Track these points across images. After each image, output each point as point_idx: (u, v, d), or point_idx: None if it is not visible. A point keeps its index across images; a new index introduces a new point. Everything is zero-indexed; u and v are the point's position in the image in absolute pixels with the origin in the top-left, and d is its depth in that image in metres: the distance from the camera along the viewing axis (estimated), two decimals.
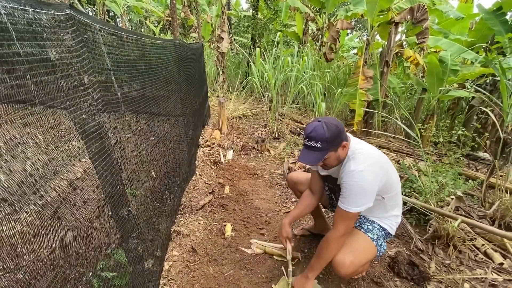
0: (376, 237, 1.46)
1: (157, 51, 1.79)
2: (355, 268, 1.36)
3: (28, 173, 0.56)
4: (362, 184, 1.25)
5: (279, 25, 8.01)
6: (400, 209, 1.57)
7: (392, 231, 1.53)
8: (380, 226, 1.50)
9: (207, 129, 4.37)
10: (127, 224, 1.05)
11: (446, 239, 1.91)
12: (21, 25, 0.61)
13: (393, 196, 1.45)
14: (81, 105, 0.82)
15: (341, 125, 1.30)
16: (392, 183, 1.40)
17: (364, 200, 1.27)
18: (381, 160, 1.36)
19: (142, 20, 12.93)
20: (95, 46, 0.95)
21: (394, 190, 1.44)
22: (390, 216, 1.52)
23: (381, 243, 1.48)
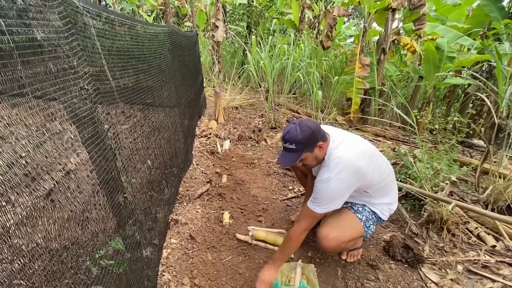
0: (365, 219, 1.51)
1: (150, 37, 1.75)
2: (338, 243, 1.45)
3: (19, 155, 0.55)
4: (329, 192, 1.31)
5: (275, 12, 7.86)
6: (393, 197, 1.57)
7: (383, 216, 1.56)
8: (370, 210, 1.54)
9: (204, 120, 4.34)
10: (124, 211, 1.05)
11: (440, 223, 1.95)
12: (5, 1, 0.59)
13: (379, 188, 1.47)
14: (72, 89, 0.80)
15: (316, 126, 1.31)
16: (372, 181, 1.41)
17: (331, 205, 1.34)
18: (356, 164, 1.31)
19: (135, 9, 12.59)
20: (85, 28, 0.92)
21: (378, 184, 1.45)
22: (381, 204, 1.54)
23: (369, 225, 1.53)
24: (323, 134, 1.34)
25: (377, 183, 1.44)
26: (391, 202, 1.57)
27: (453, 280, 1.57)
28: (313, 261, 1.70)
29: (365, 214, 1.52)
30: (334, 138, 1.39)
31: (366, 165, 1.35)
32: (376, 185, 1.45)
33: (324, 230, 1.46)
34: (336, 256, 1.73)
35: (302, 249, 1.79)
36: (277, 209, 2.21)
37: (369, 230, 1.54)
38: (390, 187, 1.54)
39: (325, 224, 1.51)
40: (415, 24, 3.94)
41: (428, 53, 3.81)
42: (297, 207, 2.25)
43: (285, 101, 4.85)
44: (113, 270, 1.05)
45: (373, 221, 1.55)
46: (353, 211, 1.53)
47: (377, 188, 1.46)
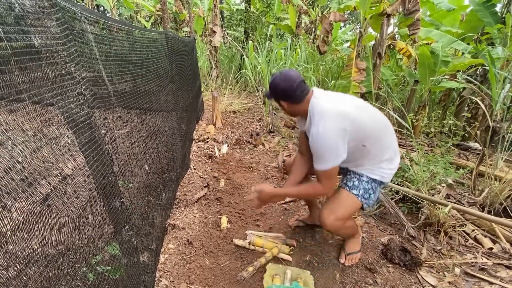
0: (362, 192, 1.48)
1: (148, 42, 1.76)
2: (338, 224, 1.49)
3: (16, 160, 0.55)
4: (322, 145, 1.30)
5: (272, 18, 7.94)
6: (393, 154, 1.49)
7: (385, 179, 1.49)
8: (369, 179, 1.49)
9: (201, 124, 4.35)
10: (120, 216, 1.05)
11: (437, 225, 1.95)
12: (3, 9, 0.59)
13: (375, 142, 1.40)
14: (69, 95, 0.81)
15: (292, 83, 1.34)
16: (366, 128, 1.35)
17: (331, 156, 1.31)
18: (343, 111, 1.31)
19: (133, 15, 12.66)
20: (82, 34, 0.93)
21: (373, 135, 1.39)
22: (380, 163, 1.46)
23: (369, 196, 1.49)
24: (303, 88, 1.37)
25: (373, 132, 1.38)
26: (391, 159, 1.48)
27: (451, 283, 1.58)
28: (311, 266, 1.69)
29: (361, 187, 1.48)
30: (318, 94, 1.40)
31: (353, 110, 1.33)
32: (371, 137, 1.38)
33: (322, 215, 1.50)
34: (334, 260, 1.73)
35: (302, 253, 1.79)
36: (275, 213, 2.21)
37: (369, 200, 1.50)
38: (389, 140, 1.47)
39: (323, 207, 1.54)
40: (410, 29, 4.00)
41: (423, 57, 3.86)
42: (294, 211, 2.25)
43: None
44: (109, 275, 1.04)
45: (373, 189, 1.50)
46: (348, 188, 1.50)
47: (373, 141, 1.39)
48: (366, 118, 1.37)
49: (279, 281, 1.52)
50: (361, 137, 1.36)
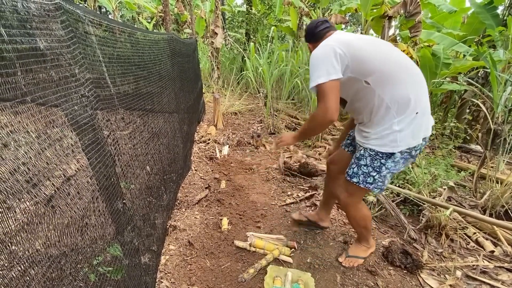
0: (362, 178, 1.36)
1: (150, 44, 1.77)
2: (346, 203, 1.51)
3: (22, 162, 0.56)
4: (312, 64, 1.27)
5: (274, 20, 7.97)
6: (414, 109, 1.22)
7: (397, 147, 1.25)
8: (372, 157, 1.32)
9: (203, 125, 4.36)
10: (122, 217, 1.05)
11: (438, 228, 1.95)
12: (9, 13, 0.60)
13: (382, 81, 1.22)
14: (73, 97, 0.81)
15: (314, 22, 1.43)
16: (367, 59, 1.22)
17: (319, 70, 1.22)
18: (340, 38, 1.28)
19: (135, 16, 12.72)
20: (86, 36, 0.94)
21: (379, 71, 1.22)
22: (392, 121, 1.23)
23: (372, 180, 1.34)
24: (324, 26, 1.41)
25: (379, 66, 1.22)
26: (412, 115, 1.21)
27: (452, 286, 1.57)
28: (312, 268, 1.69)
29: (360, 173, 1.37)
30: (338, 33, 1.38)
31: (356, 39, 1.28)
32: (378, 70, 1.22)
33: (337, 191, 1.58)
34: (335, 263, 1.73)
35: (303, 254, 1.79)
36: (276, 215, 2.21)
37: (376, 183, 1.34)
38: (408, 88, 1.23)
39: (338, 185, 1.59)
40: (411, 31, 4.01)
41: (424, 59, 3.86)
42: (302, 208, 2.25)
43: (283, 107, 4.89)
44: (111, 276, 1.04)
45: (377, 169, 1.32)
46: (349, 177, 1.43)
47: (381, 76, 1.22)
48: (371, 48, 1.25)
49: (280, 283, 1.52)
50: (361, 69, 1.23)
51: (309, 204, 2.37)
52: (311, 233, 1.99)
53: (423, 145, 1.34)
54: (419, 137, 1.26)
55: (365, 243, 1.72)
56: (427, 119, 1.30)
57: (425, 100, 1.28)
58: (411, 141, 1.25)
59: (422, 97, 1.26)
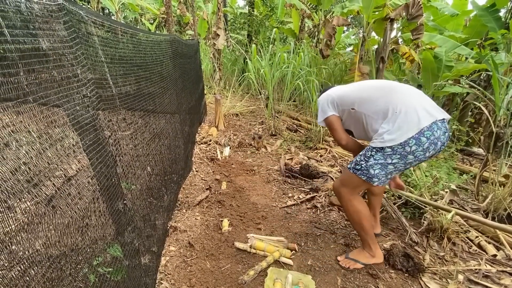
0: (353, 164, 1.57)
1: (152, 45, 1.78)
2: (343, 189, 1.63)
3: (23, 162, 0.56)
4: (319, 109, 1.77)
5: (275, 22, 7.99)
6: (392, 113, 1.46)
7: (382, 143, 1.45)
8: (366, 150, 1.55)
9: (204, 126, 4.36)
10: (123, 217, 1.05)
11: (440, 231, 1.94)
12: (13, 13, 0.61)
13: (363, 103, 1.58)
14: (75, 97, 0.81)
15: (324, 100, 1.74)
16: (349, 95, 1.66)
17: (320, 112, 1.75)
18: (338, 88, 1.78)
19: (138, 18, 12.80)
20: (88, 37, 0.94)
21: (359, 98, 1.61)
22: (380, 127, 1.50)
23: (360, 167, 1.53)
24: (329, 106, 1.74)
25: (359, 95, 1.62)
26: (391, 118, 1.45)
27: None
28: (312, 270, 1.68)
29: (354, 160, 1.59)
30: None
31: (337, 89, 1.76)
32: (359, 97, 1.61)
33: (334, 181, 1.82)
34: (336, 265, 1.72)
35: (303, 256, 1.78)
36: (277, 217, 2.20)
37: (363, 170, 1.52)
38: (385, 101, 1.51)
39: None
40: (413, 33, 4.01)
41: (426, 62, 3.86)
42: (296, 215, 2.24)
43: (285, 109, 4.89)
44: (111, 277, 1.04)
45: (365, 158, 1.52)
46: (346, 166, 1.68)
47: (361, 100, 1.59)
48: (350, 88, 1.71)
49: (280, 285, 1.52)
50: (347, 102, 1.65)
51: (310, 206, 2.36)
52: (312, 235, 1.99)
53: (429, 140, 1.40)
54: (407, 133, 1.40)
55: (368, 249, 1.70)
56: (414, 115, 1.42)
57: (405, 101, 1.48)
58: (397, 138, 1.42)
59: (398, 101, 1.49)
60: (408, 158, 1.44)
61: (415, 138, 1.39)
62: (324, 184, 2.67)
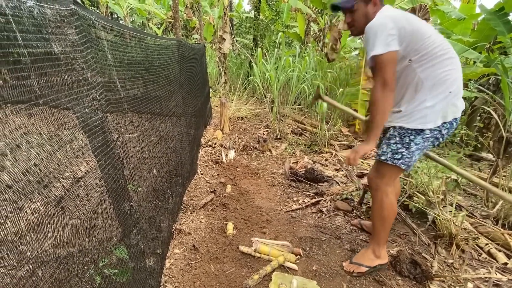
0: (391, 155, 1.40)
1: (159, 49, 1.80)
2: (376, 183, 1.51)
3: (34, 163, 0.57)
4: (368, 34, 1.28)
5: (281, 26, 8.04)
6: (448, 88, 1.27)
7: (423, 125, 1.30)
8: (400, 136, 1.36)
9: (209, 129, 4.38)
10: (129, 219, 1.06)
11: (448, 238, 1.90)
12: (27, 18, 0.62)
13: (423, 56, 1.27)
14: (85, 100, 0.83)
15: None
16: (421, 35, 1.25)
17: (377, 40, 1.23)
18: (402, 13, 1.33)
19: (145, 22, 13.02)
20: (98, 41, 0.96)
21: (424, 47, 1.26)
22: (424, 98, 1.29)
23: (400, 156, 1.37)
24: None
25: (427, 45, 1.26)
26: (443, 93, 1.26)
27: None
28: (317, 276, 1.66)
29: (389, 150, 1.40)
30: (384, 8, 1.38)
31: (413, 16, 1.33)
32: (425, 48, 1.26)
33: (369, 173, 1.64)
34: (341, 271, 1.70)
35: (308, 262, 1.76)
36: (281, 221, 2.19)
37: (404, 159, 1.36)
38: (440, 59, 1.28)
39: None
40: None
41: None
42: (301, 219, 2.23)
43: (290, 112, 4.89)
44: (116, 279, 1.04)
45: (406, 145, 1.35)
46: (378, 156, 1.48)
47: (425, 53, 1.27)
48: (426, 29, 1.29)
49: None
50: (413, 47, 1.27)
51: (315, 211, 2.34)
52: (317, 240, 1.97)
53: (455, 126, 1.38)
54: (448, 117, 1.30)
55: (375, 248, 1.65)
56: (459, 100, 1.34)
57: (459, 82, 1.32)
58: (439, 120, 1.29)
59: (457, 79, 1.31)
60: (434, 142, 1.38)
61: (450, 123, 1.33)
62: (329, 188, 2.65)
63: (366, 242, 1.95)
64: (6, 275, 0.54)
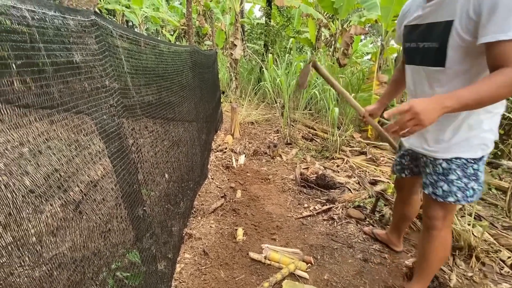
0: (461, 195, 1.14)
1: (173, 56, 1.84)
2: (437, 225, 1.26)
3: (54, 168, 0.59)
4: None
5: (292, 31, 8.07)
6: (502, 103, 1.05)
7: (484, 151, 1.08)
8: (462, 166, 1.11)
9: (220, 134, 4.42)
10: (142, 224, 1.07)
11: (468, 250, 1.82)
12: (51, 29, 0.65)
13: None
14: (102, 106, 0.86)
15: None
16: None
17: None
18: None
19: (159, 29, 13.40)
20: (116, 50, 0.99)
21: None
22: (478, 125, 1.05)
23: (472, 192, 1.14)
24: None
25: None
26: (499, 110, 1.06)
27: None
28: (329, 285, 1.62)
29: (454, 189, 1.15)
30: None
31: None
32: None
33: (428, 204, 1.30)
34: (354, 281, 1.65)
35: (319, 270, 1.72)
36: (292, 228, 2.16)
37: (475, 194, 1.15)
38: None
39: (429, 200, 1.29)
40: None
41: None
42: (312, 226, 2.19)
43: (300, 117, 4.86)
44: (129, 282, 1.06)
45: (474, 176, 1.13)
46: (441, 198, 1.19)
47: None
48: None
49: None
50: None
51: (326, 218, 2.30)
52: (329, 248, 1.93)
53: None
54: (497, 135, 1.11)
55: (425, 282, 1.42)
56: None
57: None
58: (493, 141, 1.10)
59: None
60: None
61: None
62: (341, 195, 2.61)
63: (380, 252, 1.89)
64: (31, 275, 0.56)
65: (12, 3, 0.55)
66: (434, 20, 1.06)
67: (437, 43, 1.05)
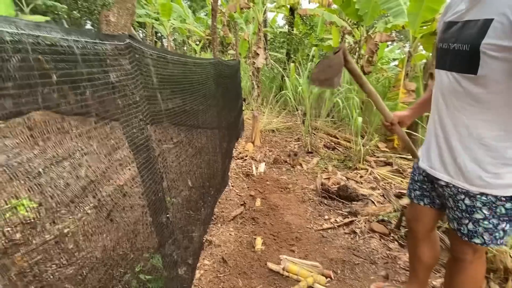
0: (488, 236, 0.97)
1: (198, 69, 1.94)
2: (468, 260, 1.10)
3: (90, 179, 0.66)
4: None
5: (315, 39, 8.04)
6: None
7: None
8: (489, 205, 0.94)
9: (241, 142, 4.49)
10: (165, 230, 1.13)
11: (504, 272, 1.67)
12: (92, 55, 0.73)
13: None
14: (133, 120, 0.93)
15: None
16: None
17: None
18: None
19: (185, 40, 14.03)
20: (146, 68, 1.08)
21: None
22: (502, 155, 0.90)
23: (502, 234, 0.97)
24: None
25: None
26: None
27: None
28: None
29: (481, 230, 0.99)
30: None
31: None
32: None
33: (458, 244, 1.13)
34: None
35: (337, 286, 1.68)
36: (311, 240, 2.13)
37: (507, 233, 0.97)
38: None
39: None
40: None
41: None
42: (333, 239, 2.14)
43: (322, 125, 4.80)
44: (151, 285, 1.11)
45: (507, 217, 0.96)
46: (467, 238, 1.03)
47: None
48: None
49: None
50: None
51: (348, 231, 2.24)
52: (350, 263, 1.87)
53: None
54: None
55: None
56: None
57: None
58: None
59: None
60: None
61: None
62: (364, 208, 2.52)
63: (405, 270, 1.80)
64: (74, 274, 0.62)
65: (60, 36, 0.63)
66: (473, 17, 0.88)
67: (469, 45, 0.87)
